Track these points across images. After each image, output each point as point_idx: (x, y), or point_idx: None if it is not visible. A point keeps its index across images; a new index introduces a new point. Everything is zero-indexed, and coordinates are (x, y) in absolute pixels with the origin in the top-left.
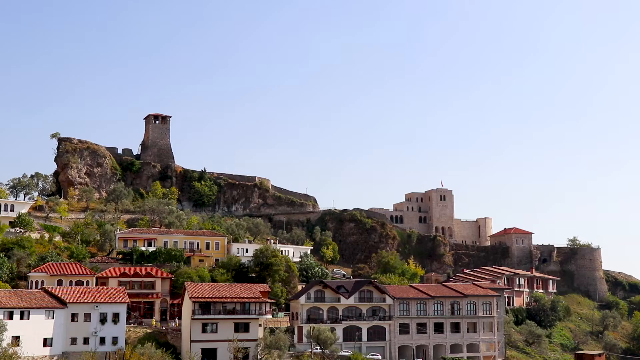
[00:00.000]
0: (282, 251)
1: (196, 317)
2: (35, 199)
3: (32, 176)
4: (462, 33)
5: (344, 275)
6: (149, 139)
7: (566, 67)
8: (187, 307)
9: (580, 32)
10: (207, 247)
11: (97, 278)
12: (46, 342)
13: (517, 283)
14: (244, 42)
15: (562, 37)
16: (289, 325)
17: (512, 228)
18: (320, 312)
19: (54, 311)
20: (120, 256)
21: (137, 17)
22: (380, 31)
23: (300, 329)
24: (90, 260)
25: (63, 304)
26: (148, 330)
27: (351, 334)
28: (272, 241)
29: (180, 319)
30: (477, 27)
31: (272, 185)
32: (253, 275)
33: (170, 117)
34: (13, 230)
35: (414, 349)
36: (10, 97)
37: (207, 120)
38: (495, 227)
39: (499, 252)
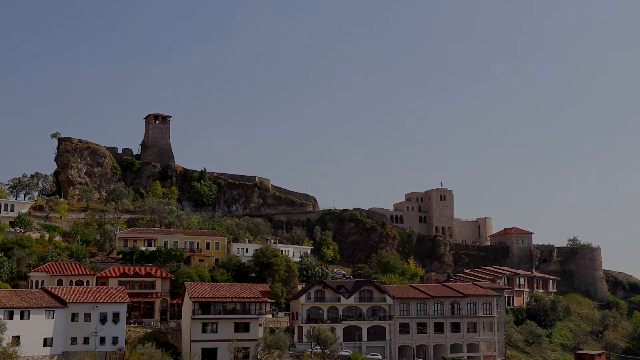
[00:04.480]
0: (282, 251)
1: (196, 317)
2: (35, 198)
3: (32, 176)
4: (463, 32)
5: (344, 275)
6: (149, 139)
7: (566, 66)
8: (187, 307)
9: (579, 32)
10: (207, 247)
11: (97, 278)
12: (46, 342)
13: (517, 283)
14: (244, 42)
15: (562, 36)
16: (289, 325)
17: (512, 228)
18: (320, 312)
19: (54, 311)
20: (121, 256)
21: (138, 17)
22: (382, 31)
23: (300, 328)
24: (90, 260)
25: (63, 303)
26: (148, 330)
27: (351, 334)
28: (272, 241)
29: (179, 318)
30: (479, 28)
31: (272, 185)
32: (253, 275)
33: (170, 117)
34: (13, 230)
35: (414, 348)
36: (10, 97)
37: (207, 120)
38: (495, 227)
39: (499, 252)
